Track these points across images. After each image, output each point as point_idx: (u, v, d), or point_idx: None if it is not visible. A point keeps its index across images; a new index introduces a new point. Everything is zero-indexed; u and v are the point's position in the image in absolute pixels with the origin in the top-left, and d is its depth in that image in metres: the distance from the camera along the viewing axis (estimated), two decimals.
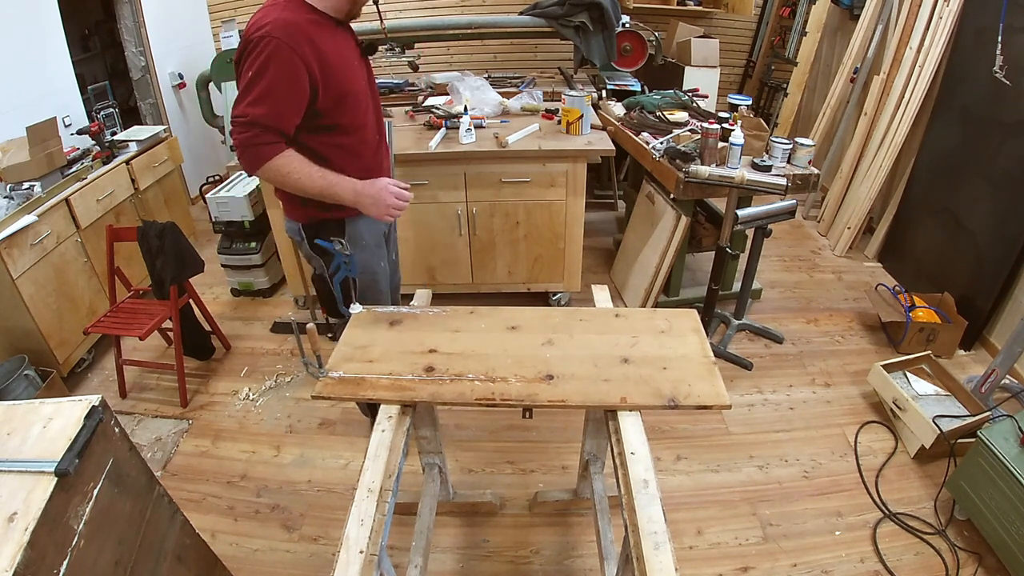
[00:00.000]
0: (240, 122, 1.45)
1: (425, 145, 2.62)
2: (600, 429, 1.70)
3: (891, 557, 1.82)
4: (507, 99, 3.06)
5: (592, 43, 3.21)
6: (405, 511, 1.92)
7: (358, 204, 1.62)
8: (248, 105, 1.43)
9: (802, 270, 3.44)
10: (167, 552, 1.34)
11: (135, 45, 3.88)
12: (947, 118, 2.98)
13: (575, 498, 1.98)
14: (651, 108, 3.04)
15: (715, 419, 2.37)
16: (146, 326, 2.39)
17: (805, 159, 2.56)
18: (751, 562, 1.83)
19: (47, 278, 2.53)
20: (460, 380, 1.34)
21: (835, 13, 4.01)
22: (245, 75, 1.44)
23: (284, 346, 2.88)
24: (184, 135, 4.11)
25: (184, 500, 2.04)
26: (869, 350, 2.76)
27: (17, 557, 0.91)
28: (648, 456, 1.18)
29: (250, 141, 1.46)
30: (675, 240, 2.71)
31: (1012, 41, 2.52)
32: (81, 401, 1.16)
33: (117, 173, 3.06)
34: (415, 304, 1.73)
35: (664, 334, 1.49)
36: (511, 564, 1.86)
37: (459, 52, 4.74)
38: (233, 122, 1.46)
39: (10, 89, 2.91)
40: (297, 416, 2.45)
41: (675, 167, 2.45)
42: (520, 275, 2.97)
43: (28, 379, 2.32)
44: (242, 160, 1.50)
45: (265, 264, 3.19)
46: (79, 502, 1.06)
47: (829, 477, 2.12)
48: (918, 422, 2.12)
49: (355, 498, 1.11)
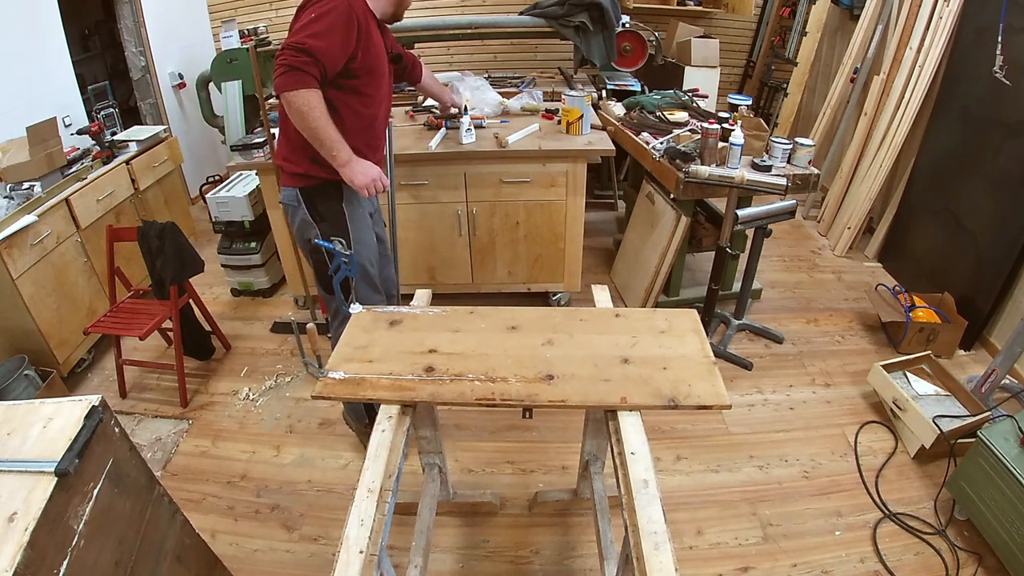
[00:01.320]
0: (296, 47, 1.58)
1: (425, 145, 2.62)
2: (600, 429, 1.70)
3: (891, 557, 1.82)
4: (507, 99, 3.06)
5: (592, 43, 3.21)
6: (405, 511, 1.92)
7: (348, 166, 1.76)
8: (309, 36, 1.59)
9: (802, 270, 3.44)
10: (167, 552, 1.34)
11: (135, 45, 3.89)
12: (947, 118, 2.98)
13: (575, 498, 1.98)
14: (651, 108, 3.04)
15: (715, 419, 2.37)
16: (146, 326, 2.39)
17: (805, 159, 2.56)
18: (751, 562, 1.83)
19: (47, 278, 2.53)
20: (460, 380, 1.34)
21: (835, 13, 4.01)
22: (307, 16, 1.62)
23: (284, 346, 2.88)
24: (184, 135, 4.11)
25: (184, 500, 2.04)
26: (869, 350, 2.76)
27: (17, 557, 0.91)
28: (648, 456, 1.18)
29: (299, 65, 1.58)
30: (675, 240, 2.71)
31: (1012, 41, 2.52)
32: (81, 401, 1.16)
33: (117, 173, 3.06)
34: (415, 304, 1.72)
35: (664, 334, 1.49)
36: (511, 564, 1.86)
37: (459, 52, 4.74)
38: (286, 46, 1.59)
39: (10, 89, 2.91)
40: (297, 416, 2.45)
41: (675, 167, 2.45)
42: (520, 275, 2.97)
43: (28, 379, 2.32)
44: (280, 79, 1.62)
45: (265, 264, 3.19)
46: (79, 502, 1.06)
47: (829, 477, 2.12)
48: (918, 422, 2.12)
49: (355, 498, 1.11)
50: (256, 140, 2.72)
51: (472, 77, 3.20)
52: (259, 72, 2.46)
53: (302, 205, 1.87)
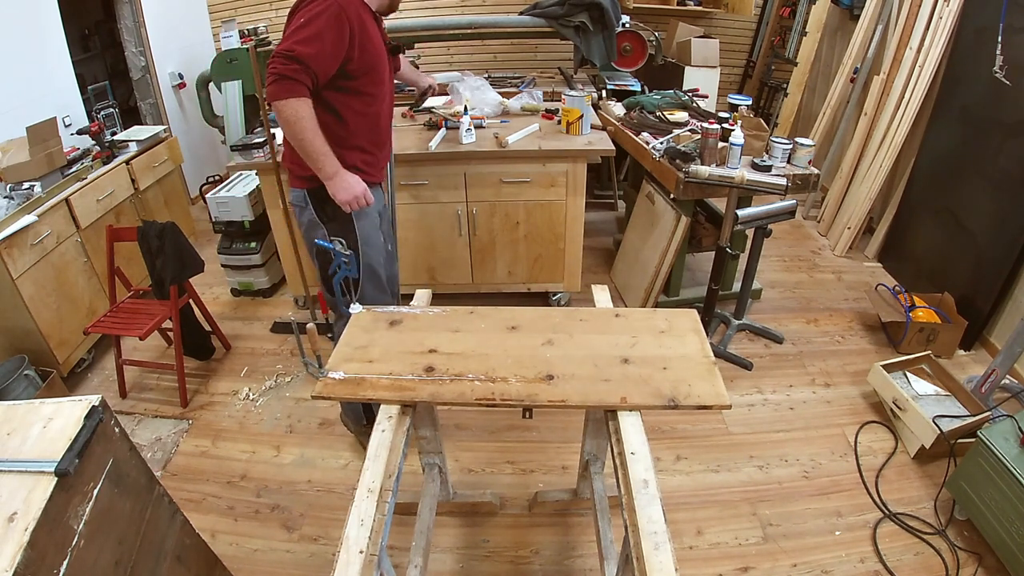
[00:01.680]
0: (285, 55, 1.57)
1: (425, 145, 2.62)
2: (600, 429, 1.70)
3: (891, 557, 1.82)
4: (507, 99, 3.06)
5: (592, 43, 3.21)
6: (405, 511, 1.92)
7: (333, 181, 1.75)
8: (297, 43, 1.57)
9: (802, 270, 3.44)
10: (167, 552, 1.34)
11: (135, 45, 3.89)
12: (947, 118, 2.98)
13: (575, 498, 1.98)
14: (651, 108, 3.04)
15: (715, 419, 2.37)
16: (146, 326, 2.39)
17: (805, 159, 2.56)
18: (751, 562, 1.83)
19: (47, 278, 2.53)
20: (460, 380, 1.34)
21: (835, 13, 4.01)
22: (297, 21, 1.60)
23: (284, 346, 2.88)
24: (184, 135, 4.11)
25: (184, 500, 2.04)
26: (869, 350, 2.76)
27: (17, 557, 0.91)
28: (648, 456, 1.18)
29: (290, 73, 1.57)
30: (675, 240, 2.71)
31: (1012, 41, 2.52)
32: (81, 401, 1.16)
33: (117, 173, 3.06)
34: (415, 304, 1.73)
35: (664, 334, 1.49)
36: (511, 564, 1.86)
37: (459, 52, 4.74)
38: (277, 54, 1.58)
39: (10, 89, 2.91)
40: (297, 416, 2.45)
41: (675, 167, 2.45)
42: (520, 275, 2.97)
43: (28, 379, 2.32)
44: (271, 87, 1.61)
45: (265, 264, 3.19)
46: (79, 502, 1.06)
47: (829, 477, 2.12)
48: (918, 422, 2.12)
49: (355, 498, 1.11)
50: (256, 140, 2.72)
51: (472, 77, 3.20)
52: (259, 72, 2.46)
53: (309, 206, 1.86)
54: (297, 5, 1.64)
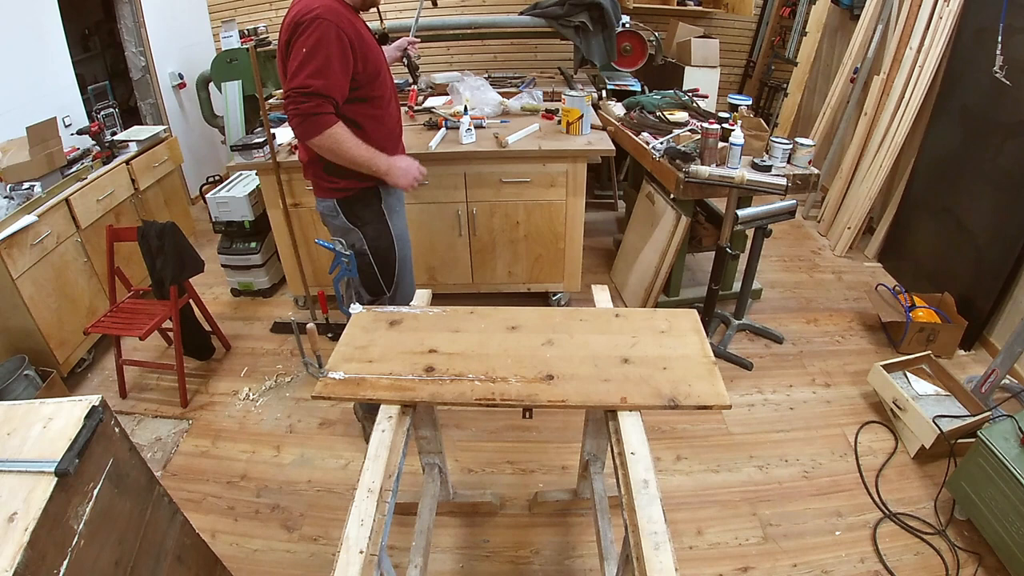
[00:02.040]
0: (302, 92, 1.58)
1: (425, 145, 2.62)
2: (600, 429, 1.70)
3: (891, 557, 1.82)
4: (507, 99, 3.06)
5: (592, 43, 3.21)
6: (405, 511, 1.93)
7: (390, 172, 1.83)
8: (308, 77, 1.58)
9: (802, 270, 3.44)
10: (167, 552, 1.34)
11: (135, 45, 3.89)
12: (947, 118, 2.98)
13: (575, 498, 1.98)
14: (651, 108, 3.04)
15: (715, 419, 2.37)
16: (146, 326, 2.39)
17: (805, 159, 2.56)
18: (751, 562, 1.83)
19: (47, 278, 2.53)
20: (460, 380, 1.34)
21: (835, 13, 4.01)
22: (299, 52, 1.58)
23: (284, 346, 2.88)
24: (184, 135, 4.11)
25: (184, 500, 2.04)
26: (869, 350, 2.76)
27: (17, 557, 0.91)
28: (648, 456, 1.18)
29: (312, 110, 1.60)
30: (675, 240, 2.71)
31: (1012, 41, 2.52)
32: (81, 401, 1.16)
33: (117, 173, 3.06)
34: (415, 304, 1.73)
35: (664, 334, 1.49)
36: (511, 564, 1.86)
37: (459, 52, 4.74)
38: (292, 93, 1.58)
39: (10, 89, 2.91)
40: (297, 416, 2.45)
41: (675, 167, 2.45)
42: (520, 275, 2.97)
43: (28, 379, 2.32)
44: (300, 128, 1.63)
45: (265, 264, 3.19)
46: (79, 502, 1.06)
47: (829, 477, 2.12)
48: (918, 422, 2.12)
49: (355, 498, 1.11)
50: (256, 140, 2.72)
51: (472, 77, 3.20)
52: (259, 72, 2.47)
53: (340, 214, 1.91)
54: (293, 32, 1.61)
